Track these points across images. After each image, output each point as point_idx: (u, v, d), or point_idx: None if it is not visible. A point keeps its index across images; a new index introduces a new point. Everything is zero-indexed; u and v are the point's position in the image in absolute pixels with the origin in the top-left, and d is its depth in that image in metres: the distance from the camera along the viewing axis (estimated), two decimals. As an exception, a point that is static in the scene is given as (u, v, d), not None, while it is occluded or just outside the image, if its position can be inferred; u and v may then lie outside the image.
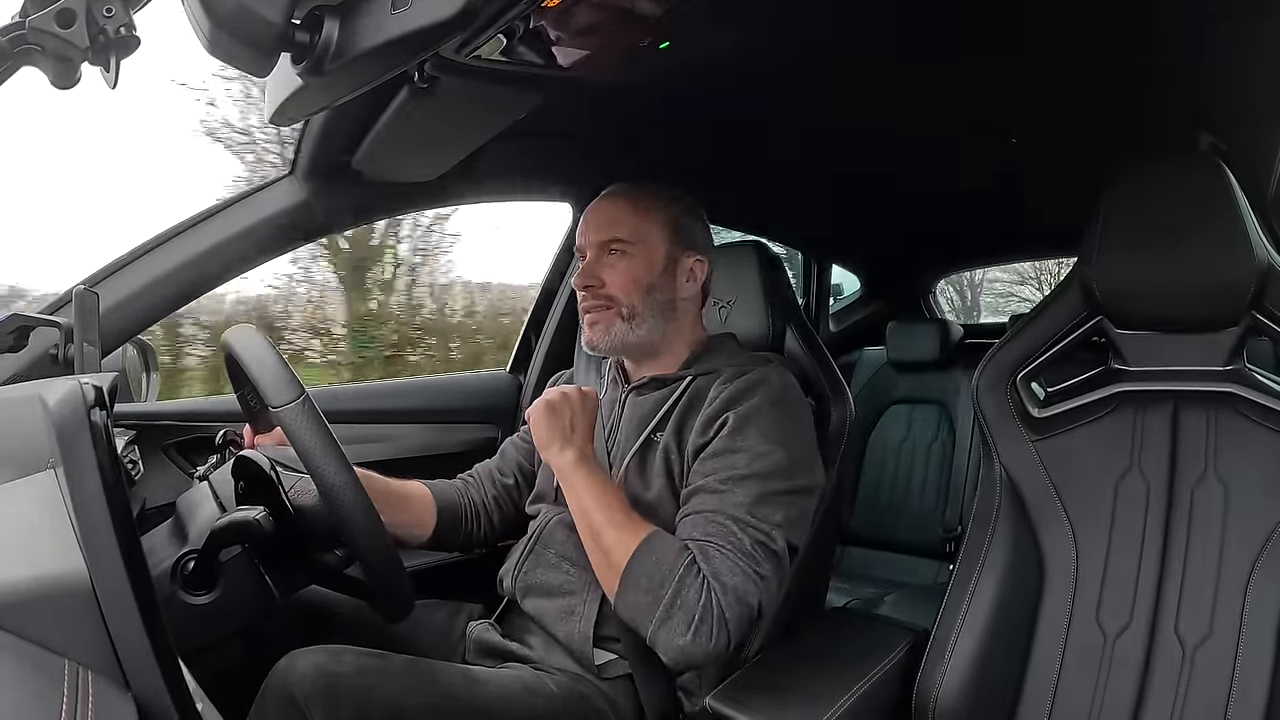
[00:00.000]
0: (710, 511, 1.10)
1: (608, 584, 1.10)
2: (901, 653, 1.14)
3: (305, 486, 0.96)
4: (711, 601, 1.02)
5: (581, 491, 1.13)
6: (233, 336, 1.00)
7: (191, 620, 0.89)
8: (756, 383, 1.19)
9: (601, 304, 1.27)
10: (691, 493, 1.14)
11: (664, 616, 1.03)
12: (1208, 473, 1.08)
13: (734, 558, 1.05)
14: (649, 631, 1.04)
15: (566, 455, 1.15)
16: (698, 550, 1.06)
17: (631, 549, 1.07)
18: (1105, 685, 1.07)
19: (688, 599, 1.03)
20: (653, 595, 1.04)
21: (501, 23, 0.89)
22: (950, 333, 2.68)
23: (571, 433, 1.17)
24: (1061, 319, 1.19)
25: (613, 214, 1.28)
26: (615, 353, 1.33)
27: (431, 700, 1.02)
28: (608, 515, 1.11)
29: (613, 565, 1.08)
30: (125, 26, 0.65)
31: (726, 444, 1.14)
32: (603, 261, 1.27)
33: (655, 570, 1.05)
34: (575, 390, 1.20)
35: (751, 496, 1.10)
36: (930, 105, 1.53)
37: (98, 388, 0.59)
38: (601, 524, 1.10)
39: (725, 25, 1.11)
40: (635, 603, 1.06)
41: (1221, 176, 1.06)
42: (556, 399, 1.18)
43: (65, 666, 0.50)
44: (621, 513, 1.11)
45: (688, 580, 1.04)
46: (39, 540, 0.57)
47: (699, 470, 1.15)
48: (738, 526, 1.07)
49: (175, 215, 1.39)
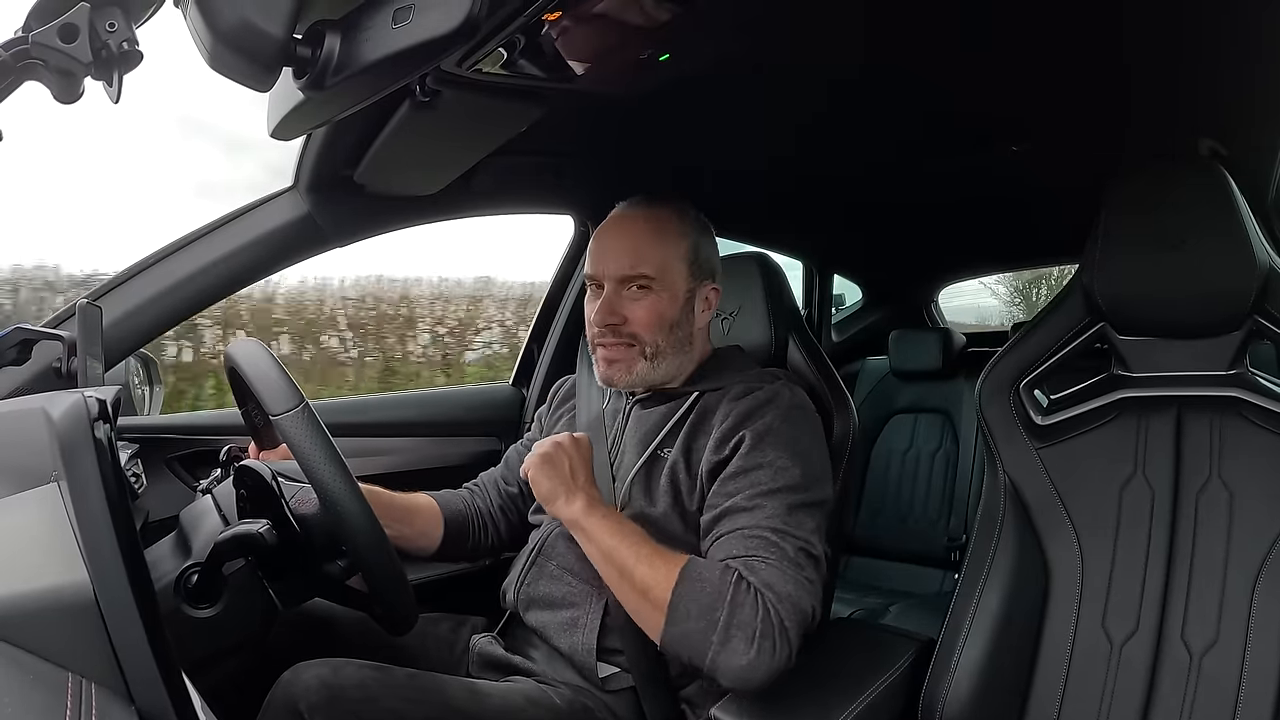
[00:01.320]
0: (746, 528, 1.07)
1: (651, 623, 1.05)
2: (907, 662, 1.13)
3: (306, 496, 0.96)
4: (769, 613, 0.99)
5: (600, 536, 1.08)
6: (235, 349, 1.00)
7: (195, 633, 0.89)
8: (769, 399, 1.18)
9: (624, 342, 1.23)
10: (720, 515, 1.11)
11: (722, 640, 0.98)
12: (1212, 478, 1.07)
13: (780, 566, 1.03)
14: (708, 659, 0.99)
15: (575, 504, 1.10)
16: (742, 565, 1.03)
17: (672, 580, 1.02)
18: (1112, 692, 1.06)
19: (743, 616, 0.98)
20: (706, 621, 0.99)
21: (502, 36, 0.90)
22: (953, 341, 2.68)
23: (574, 479, 1.12)
24: (1063, 326, 1.19)
25: (635, 246, 1.23)
26: (630, 388, 1.30)
27: (434, 713, 1.02)
28: (635, 552, 1.06)
29: (654, 601, 1.03)
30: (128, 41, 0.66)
31: (747, 461, 1.12)
32: (624, 296, 1.23)
33: (703, 595, 1.01)
34: (567, 437, 1.16)
35: (783, 508, 1.08)
36: (931, 114, 1.53)
37: (101, 401, 0.59)
38: (630, 562, 1.05)
39: (725, 37, 1.11)
40: (688, 633, 1.00)
41: (1222, 181, 1.07)
42: (551, 450, 1.14)
43: (69, 680, 0.50)
44: (648, 546, 1.07)
45: (739, 597, 0.99)
46: (42, 553, 0.57)
47: (722, 490, 1.12)
48: (777, 536, 1.05)
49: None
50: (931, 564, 2.55)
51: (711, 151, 1.70)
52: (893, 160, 1.86)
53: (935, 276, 3.24)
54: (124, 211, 6.56)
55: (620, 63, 1.10)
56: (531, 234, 7.65)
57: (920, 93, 1.41)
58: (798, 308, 1.50)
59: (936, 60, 1.26)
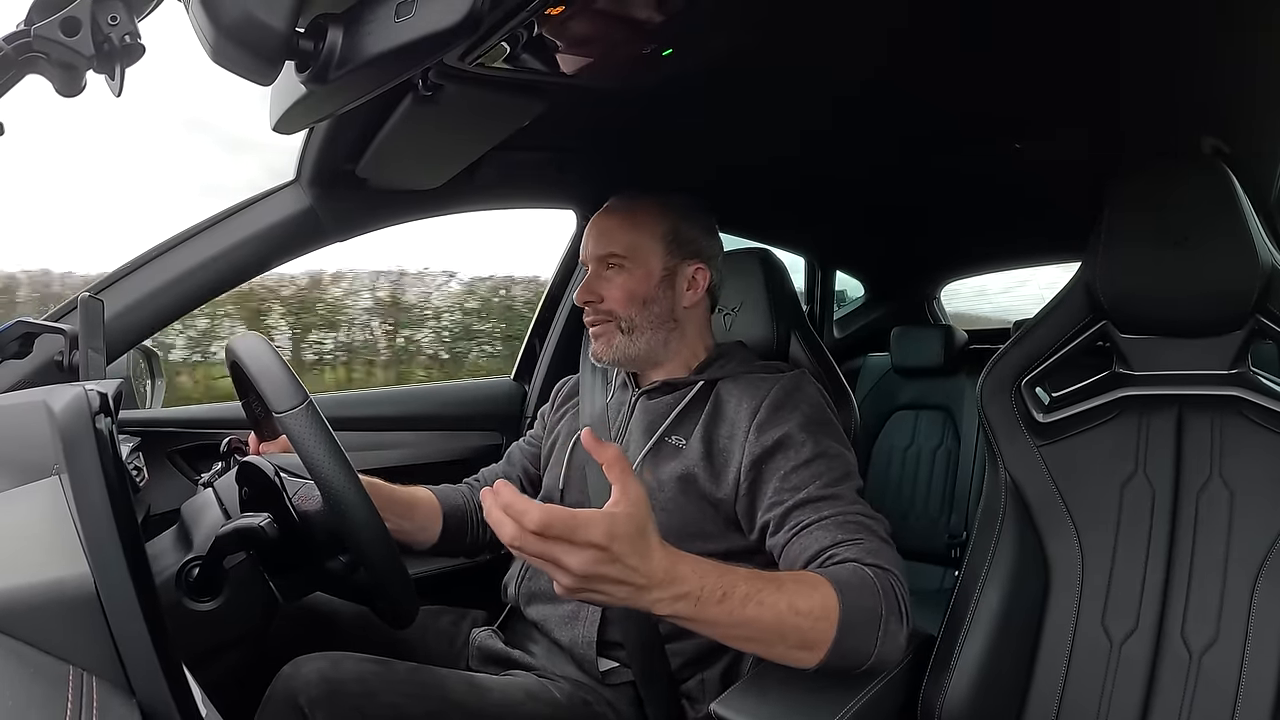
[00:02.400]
0: (837, 515, 1.06)
1: (809, 655, 0.92)
2: (907, 660, 1.13)
3: (309, 492, 0.97)
4: (899, 589, 0.99)
5: (714, 610, 0.86)
6: (237, 344, 1.00)
7: (196, 627, 0.89)
8: (797, 386, 1.21)
9: (602, 318, 1.29)
10: (795, 505, 1.08)
11: (884, 633, 0.95)
12: (1213, 477, 1.07)
13: (888, 549, 1.04)
14: (873, 655, 0.95)
15: (654, 599, 0.83)
16: (864, 554, 1.01)
17: (835, 601, 0.92)
18: (1111, 691, 1.06)
19: (892, 603, 0.97)
20: (871, 624, 0.95)
21: (505, 30, 0.89)
22: (954, 338, 2.68)
23: (631, 574, 0.80)
24: (1065, 324, 1.18)
25: (608, 229, 1.30)
26: (619, 364, 1.33)
27: (434, 707, 1.02)
28: (775, 596, 0.90)
29: (819, 631, 0.91)
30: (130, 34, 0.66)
31: (808, 452, 1.12)
32: (601, 276, 1.29)
33: (862, 601, 0.95)
34: (599, 536, 0.77)
35: (854, 494, 1.11)
36: (934, 111, 1.53)
37: (103, 394, 0.59)
38: (776, 611, 0.89)
39: (727, 32, 1.11)
40: (857, 644, 0.94)
41: (1225, 180, 1.06)
42: (581, 582, 0.78)
43: (70, 673, 0.50)
44: (786, 579, 0.94)
45: (884, 587, 0.97)
46: (44, 547, 0.57)
47: (786, 486, 1.10)
48: (872, 521, 1.07)
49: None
50: (932, 561, 2.55)
51: (714, 147, 1.69)
52: (895, 157, 1.85)
53: (937, 273, 3.24)
54: (125, 214, 6.58)
55: (623, 58, 1.10)
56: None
57: (923, 90, 1.41)
58: (800, 304, 1.50)
59: (939, 58, 1.26)
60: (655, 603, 0.83)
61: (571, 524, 0.76)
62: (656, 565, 0.82)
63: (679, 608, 0.84)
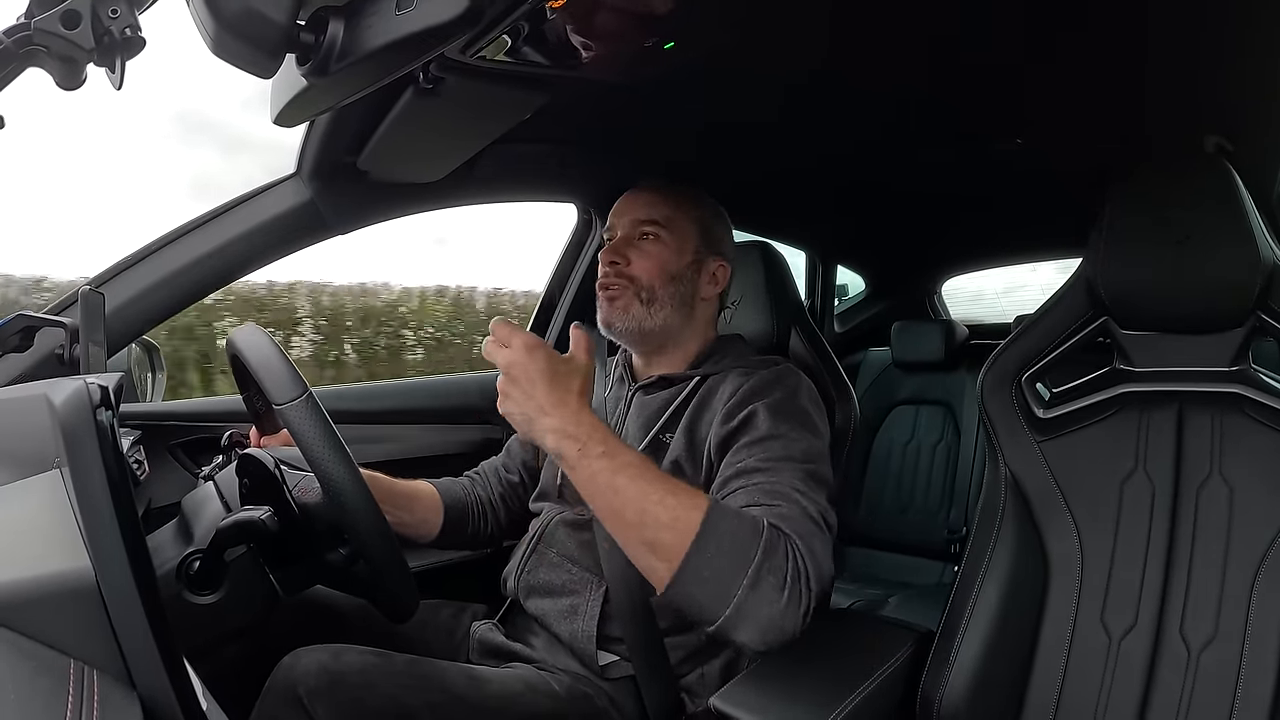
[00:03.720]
0: (766, 483, 1.04)
1: (661, 565, 0.93)
2: (906, 654, 1.14)
3: (309, 485, 0.97)
4: (799, 564, 0.94)
5: (586, 463, 0.93)
6: (237, 336, 1.00)
7: (197, 619, 0.89)
8: (779, 377, 1.20)
9: (623, 282, 1.27)
10: (733, 475, 1.08)
11: (753, 581, 0.91)
12: (1213, 474, 1.07)
13: (807, 523, 1.00)
14: (731, 602, 0.91)
15: (541, 428, 0.95)
16: (773, 515, 0.98)
17: (701, 512, 0.93)
18: (1110, 687, 1.07)
19: (776, 562, 0.93)
20: (739, 558, 0.92)
21: (506, 23, 0.89)
22: (955, 333, 2.68)
23: (535, 399, 0.94)
24: (1066, 320, 1.18)
25: (650, 199, 1.30)
26: (629, 337, 1.30)
27: (434, 698, 1.03)
28: (643, 482, 0.94)
29: (676, 533, 0.92)
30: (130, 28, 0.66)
31: (761, 431, 1.12)
32: (633, 243, 1.29)
33: (737, 531, 0.93)
34: (508, 354, 0.95)
35: (800, 474, 1.07)
36: (936, 106, 1.53)
37: (103, 387, 0.59)
38: (636, 495, 0.93)
39: (729, 26, 1.11)
40: (713, 575, 0.91)
41: (1227, 177, 1.06)
42: (502, 383, 0.96)
43: (71, 666, 0.50)
44: (655, 475, 0.96)
45: (774, 543, 0.94)
46: (44, 540, 0.57)
47: (735, 459, 1.10)
48: (801, 496, 1.03)
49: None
50: (931, 556, 2.55)
51: (716, 141, 1.69)
52: (897, 152, 1.85)
53: (938, 268, 3.23)
54: (121, 214, 6.59)
55: (625, 51, 1.10)
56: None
57: (925, 86, 1.41)
58: (800, 298, 1.50)
59: (942, 53, 1.25)
60: (549, 430, 0.94)
61: (509, 329, 0.96)
62: (563, 400, 0.94)
63: (564, 446, 0.94)
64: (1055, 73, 1.35)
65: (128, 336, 1.37)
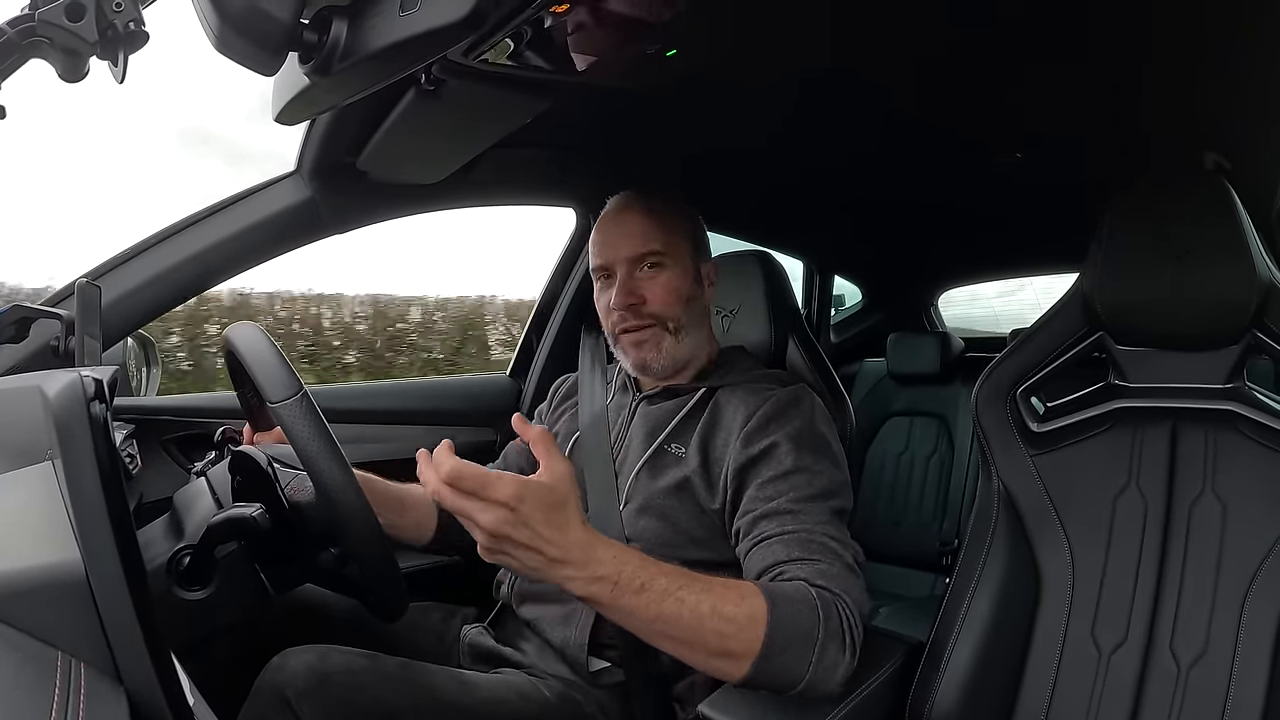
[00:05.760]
0: (799, 531, 1.04)
1: (732, 665, 0.90)
2: (896, 665, 1.14)
3: (302, 484, 0.96)
4: (847, 619, 0.96)
5: (631, 599, 0.86)
6: (233, 333, 1.00)
7: (186, 615, 0.89)
8: (794, 401, 1.19)
9: (647, 323, 1.24)
10: (762, 516, 1.07)
11: (819, 657, 0.92)
12: (1205, 491, 1.07)
13: (847, 574, 1.01)
14: (805, 679, 0.92)
15: (566, 575, 0.84)
16: (815, 574, 0.98)
17: (764, 611, 0.90)
18: (1100, 701, 1.07)
19: (834, 627, 0.94)
20: (805, 644, 0.92)
21: (509, 27, 0.89)
22: (951, 346, 2.68)
23: (543, 548, 0.82)
24: (1062, 334, 1.18)
25: (641, 227, 1.25)
26: (665, 371, 1.27)
27: (422, 702, 1.02)
28: (699, 596, 0.89)
29: (744, 640, 0.89)
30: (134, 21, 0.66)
31: (787, 465, 1.10)
32: (638, 277, 1.25)
33: (798, 618, 0.92)
34: (499, 504, 0.80)
35: (828, 516, 1.07)
36: (936, 120, 1.53)
37: (98, 380, 0.59)
38: (697, 611, 0.88)
39: (731, 34, 1.11)
40: (786, 662, 0.91)
41: (1225, 194, 1.06)
42: (486, 539, 0.82)
43: (58, 658, 0.50)
44: (715, 583, 0.91)
45: (829, 609, 0.94)
46: (35, 532, 0.57)
47: (761, 495, 1.09)
48: (837, 544, 1.03)
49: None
50: (923, 567, 2.55)
51: (716, 149, 1.70)
52: (896, 163, 1.86)
53: (935, 281, 3.24)
54: (128, 226, 6.59)
55: (627, 57, 1.10)
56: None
57: (925, 101, 1.41)
58: (798, 308, 1.51)
59: (943, 67, 1.26)
60: (569, 580, 0.84)
61: (483, 481, 0.80)
62: (572, 541, 0.83)
63: (595, 590, 0.85)
64: (1056, 89, 1.35)
65: (124, 330, 1.37)
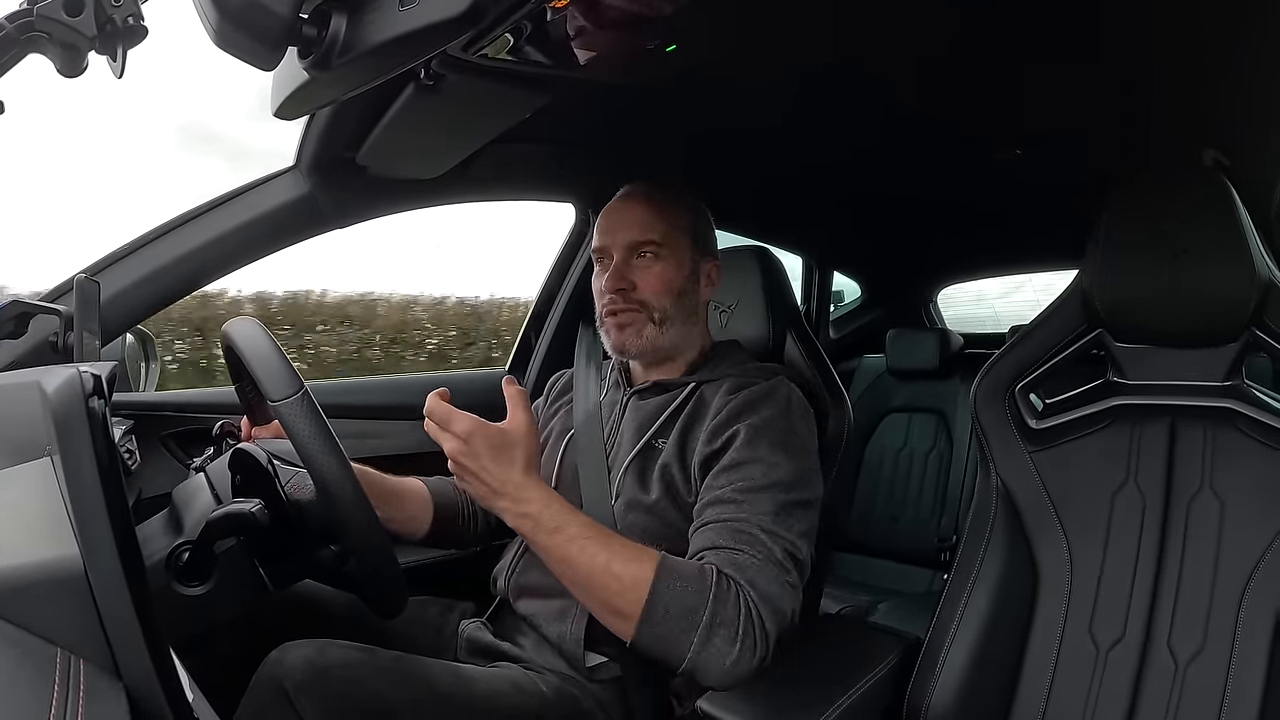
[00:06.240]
0: (734, 520, 1.06)
1: (620, 624, 1.00)
2: (893, 661, 1.14)
3: (302, 481, 0.96)
4: (751, 613, 0.98)
5: (542, 535, 1.01)
6: (232, 329, 1.00)
7: (185, 611, 0.89)
8: (766, 394, 1.19)
9: (633, 307, 1.26)
10: (708, 504, 1.10)
11: (704, 639, 0.96)
12: (1204, 488, 1.07)
13: (765, 566, 1.02)
14: (686, 658, 0.97)
15: (502, 506, 1.02)
16: (726, 561, 1.02)
17: (648, 577, 0.98)
18: (1097, 697, 1.07)
19: (726, 614, 0.97)
20: (687, 620, 0.97)
21: (509, 22, 0.89)
22: (950, 342, 2.68)
23: (487, 477, 1.00)
24: (1061, 331, 1.19)
25: (642, 216, 1.27)
26: (644, 356, 1.30)
27: (419, 695, 1.02)
28: (595, 548, 1.00)
29: (628, 600, 0.98)
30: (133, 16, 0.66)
31: (740, 455, 1.11)
32: (633, 264, 1.27)
33: (684, 594, 0.98)
34: (452, 440, 1.00)
35: (773, 506, 1.07)
36: (935, 116, 1.53)
37: (96, 376, 0.58)
38: (592, 561, 1.00)
39: (731, 29, 1.11)
40: (666, 634, 0.97)
41: (1224, 191, 1.06)
42: (452, 464, 1.03)
43: (57, 654, 0.50)
44: (618, 542, 1.02)
45: (722, 595, 0.98)
46: (34, 527, 0.57)
47: (713, 484, 1.12)
48: (766, 535, 1.04)
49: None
50: (921, 563, 2.56)
51: (715, 144, 1.69)
52: (895, 160, 1.85)
53: (935, 277, 3.24)
54: (129, 225, 6.58)
55: (627, 52, 1.10)
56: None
57: (925, 97, 1.41)
58: (796, 303, 1.50)
59: (943, 63, 1.26)
60: (503, 511, 1.01)
61: (447, 416, 1.00)
62: (510, 478, 1.00)
63: (520, 525, 1.01)
64: (1056, 85, 1.35)
65: (122, 325, 1.36)
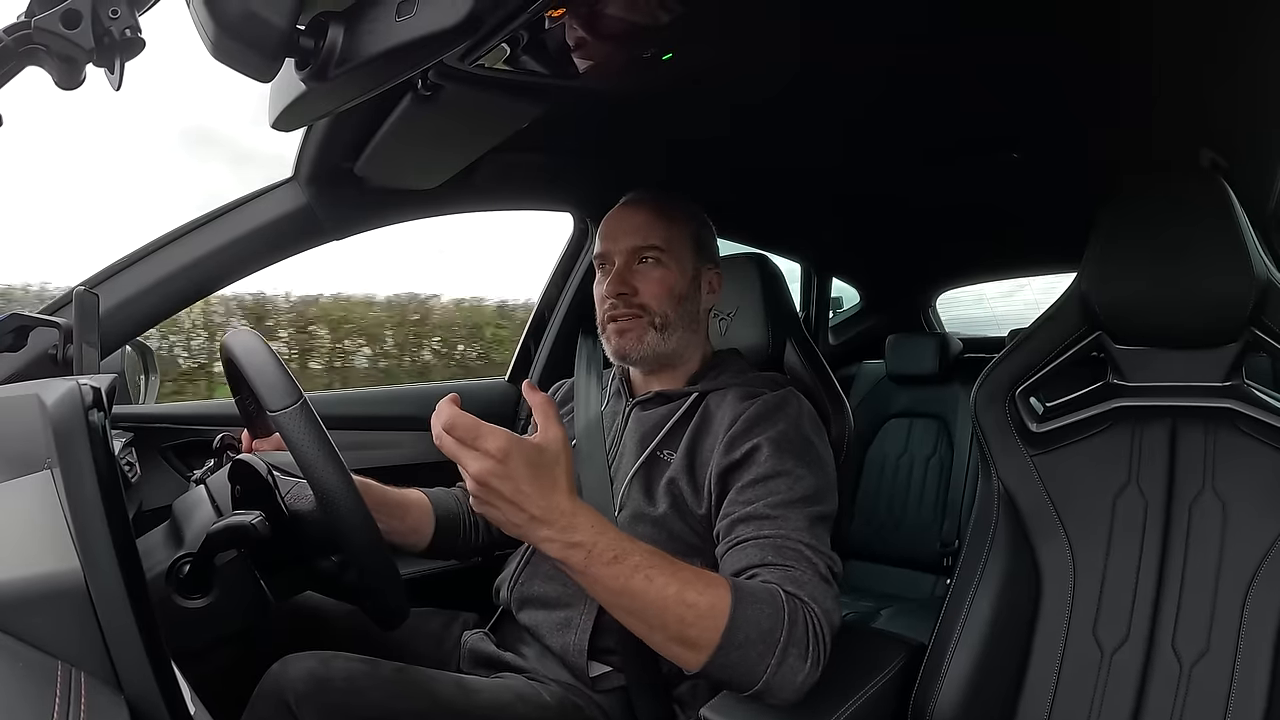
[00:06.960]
0: (775, 536, 1.04)
1: (690, 654, 0.92)
2: (898, 667, 1.13)
3: (302, 492, 0.96)
4: (816, 626, 0.96)
5: (603, 569, 0.89)
6: (232, 340, 1.00)
7: (186, 623, 0.89)
8: (780, 405, 1.18)
9: (634, 313, 1.25)
10: (739, 520, 1.08)
11: (780, 660, 0.92)
12: (1205, 489, 1.07)
13: (819, 583, 1.00)
14: (761, 680, 0.92)
15: (544, 535, 0.88)
16: (787, 580, 0.99)
17: (726, 605, 0.92)
18: (1102, 700, 1.06)
19: (798, 634, 0.94)
20: (765, 644, 0.92)
21: (506, 32, 0.89)
22: (949, 347, 2.69)
23: (524, 506, 0.86)
24: (1060, 334, 1.18)
25: (644, 222, 1.28)
26: (644, 363, 1.30)
27: (422, 706, 1.02)
28: (668, 579, 0.91)
29: (703, 629, 0.91)
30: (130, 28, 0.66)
31: (768, 469, 1.10)
32: (634, 270, 1.27)
33: (760, 618, 0.93)
34: (488, 454, 0.84)
35: (806, 522, 1.06)
36: (933, 120, 1.53)
37: (96, 389, 0.58)
38: (663, 593, 0.90)
39: (728, 37, 1.11)
40: (742, 660, 0.92)
41: (1222, 192, 1.07)
42: (477, 491, 0.86)
43: (58, 668, 0.50)
44: (685, 569, 0.94)
45: (795, 614, 0.95)
46: (34, 540, 0.57)
47: (739, 499, 1.10)
48: (811, 552, 1.03)
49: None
50: (924, 568, 2.55)
51: (713, 152, 1.70)
52: (893, 164, 1.86)
53: (933, 282, 3.25)
54: (133, 228, 6.62)
55: (624, 61, 1.10)
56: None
57: (922, 101, 1.41)
58: (795, 310, 1.51)
59: (939, 67, 1.26)
60: (547, 541, 0.88)
61: (475, 431, 0.85)
62: (555, 504, 0.87)
63: (569, 555, 0.88)
64: (1052, 88, 1.36)
65: (122, 338, 1.36)
